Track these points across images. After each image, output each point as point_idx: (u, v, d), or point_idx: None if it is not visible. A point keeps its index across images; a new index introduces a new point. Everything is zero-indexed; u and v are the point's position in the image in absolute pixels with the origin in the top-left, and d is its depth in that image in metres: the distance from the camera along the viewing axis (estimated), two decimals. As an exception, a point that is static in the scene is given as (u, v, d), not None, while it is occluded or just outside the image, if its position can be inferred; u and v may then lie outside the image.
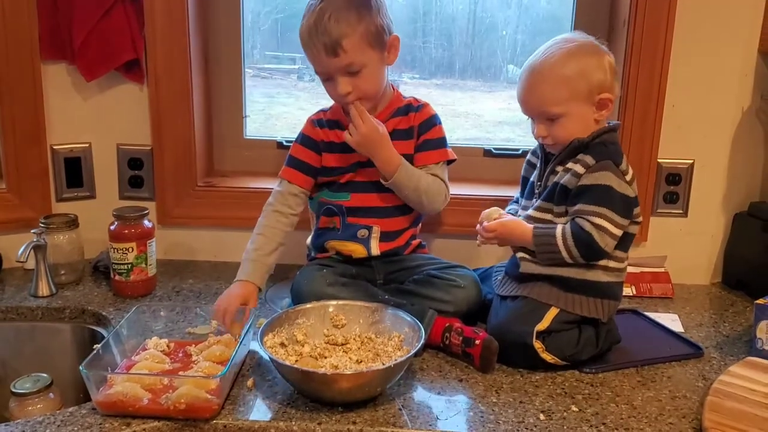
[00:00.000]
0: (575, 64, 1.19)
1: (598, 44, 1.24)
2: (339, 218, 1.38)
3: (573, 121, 1.21)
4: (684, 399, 1.11)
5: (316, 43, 1.25)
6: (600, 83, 1.20)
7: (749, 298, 1.50)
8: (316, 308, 1.23)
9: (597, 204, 1.18)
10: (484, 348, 1.17)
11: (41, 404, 1.17)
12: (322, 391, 1.05)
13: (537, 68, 1.22)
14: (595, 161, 1.19)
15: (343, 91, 1.28)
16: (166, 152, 1.62)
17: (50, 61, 1.55)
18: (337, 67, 1.26)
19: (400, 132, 1.36)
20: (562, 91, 1.20)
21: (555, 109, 1.21)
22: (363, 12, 1.26)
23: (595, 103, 1.21)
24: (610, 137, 1.23)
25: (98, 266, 1.57)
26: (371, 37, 1.27)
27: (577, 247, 1.18)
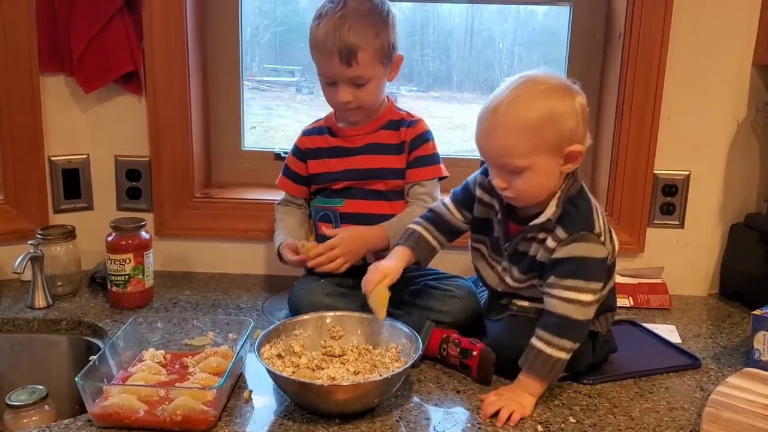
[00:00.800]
0: (544, 108, 1.06)
1: (569, 84, 1.10)
2: (332, 225, 1.39)
3: (537, 175, 1.08)
4: (682, 410, 1.11)
5: (332, 49, 1.26)
6: (571, 133, 1.07)
7: (746, 309, 1.50)
8: (313, 319, 1.23)
9: (570, 276, 1.09)
10: (482, 359, 1.16)
11: (37, 416, 1.17)
12: (319, 402, 1.05)
13: (500, 113, 1.07)
14: (567, 234, 1.09)
15: (344, 99, 1.30)
16: (164, 164, 1.62)
17: (49, 73, 1.56)
18: (345, 76, 1.28)
19: (388, 146, 1.38)
20: (528, 142, 1.06)
21: (518, 161, 1.07)
22: (381, 27, 1.28)
23: (563, 155, 1.08)
24: (574, 189, 1.12)
25: (95, 278, 1.56)
26: (383, 53, 1.29)
27: (567, 338, 1.08)
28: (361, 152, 1.38)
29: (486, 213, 1.22)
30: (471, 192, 1.24)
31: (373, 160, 1.37)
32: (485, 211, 1.23)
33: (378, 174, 1.37)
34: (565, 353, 1.09)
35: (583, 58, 1.68)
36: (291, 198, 1.46)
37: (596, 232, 1.11)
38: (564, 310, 1.09)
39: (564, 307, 1.09)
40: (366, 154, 1.38)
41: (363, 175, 1.37)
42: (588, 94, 1.64)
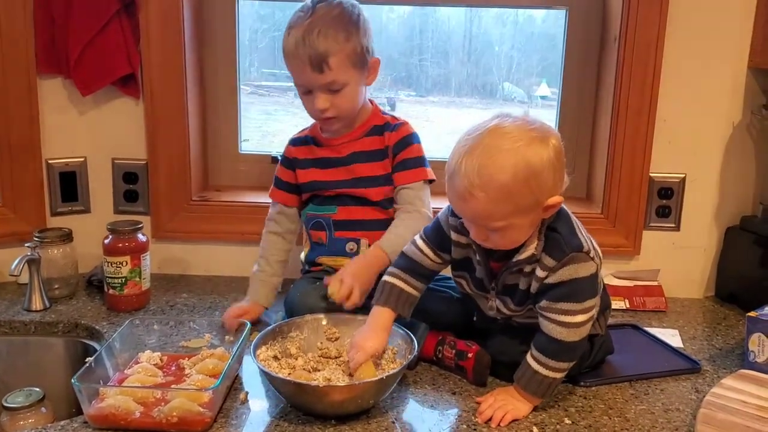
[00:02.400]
0: (520, 171, 1.00)
1: (541, 128, 1.04)
2: (325, 233, 1.39)
3: (516, 230, 1.06)
4: (677, 412, 1.11)
5: (302, 56, 1.25)
6: (549, 187, 1.03)
7: (742, 311, 1.50)
8: (310, 321, 1.23)
9: (562, 300, 1.07)
10: (477, 361, 1.17)
11: (33, 418, 1.17)
12: (315, 403, 1.05)
13: (473, 177, 1.00)
14: (556, 261, 1.07)
15: (320, 107, 1.29)
16: (161, 166, 1.62)
17: (46, 76, 1.56)
18: (319, 83, 1.27)
19: (373, 152, 1.36)
20: (505, 207, 1.02)
21: (496, 224, 1.04)
22: (351, 31, 1.27)
23: (542, 208, 1.05)
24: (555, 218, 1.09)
25: (92, 280, 1.56)
26: (356, 57, 1.28)
27: (562, 360, 1.08)
28: (347, 162, 1.36)
29: (464, 253, 1.18)
30: (445, 233, 1.19)
31: (360, 168, 1.36)
32: (464, 252, 1.18)
33: (366, 182, 1.36)
34: (561, 373, 1.09)
35: (578, 61, 1.69)
36: (283, 209, 1.43)
37: (585, 250, 1.08)
38: (559, 335, 1.08)
39: (559, 331, 1.08)
40: (352, 164, 1.36)
41: (351, 184, 1.36)
42: (584, 98, 1.69)
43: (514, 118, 1.05)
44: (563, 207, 1.12)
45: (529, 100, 1.89)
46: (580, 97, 1.71)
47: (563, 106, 1.72)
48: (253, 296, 1.39)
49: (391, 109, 1.96)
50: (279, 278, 1.43)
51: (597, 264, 1.10)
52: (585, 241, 1.09)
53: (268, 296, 1.41)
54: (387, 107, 1.97)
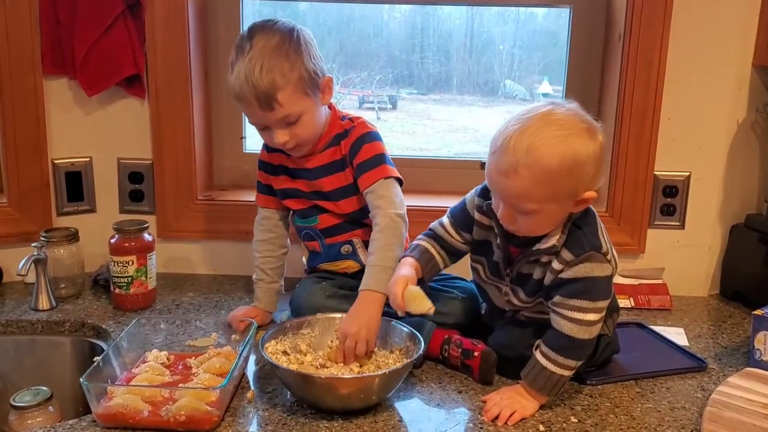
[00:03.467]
0: (566, 159, 1.01)
1: (592, 123, 1.06)
2: (318, 242, 1.39)
3: (545, 217, 1.07)
4: (683, 410, 1.12)
5: (249, 97, 1.19)
6: (588, 180, 1.05)
7: (747, 309, 1.51)
8: (322, 320, 1.24)
9: (576, 297, 1.08)
10: (483, 360, 1.17)
11: (41, 417, 1.17)
12: (322, 396, 1.06)
13: (520, 155, 1.01)
14: (574, 255, 1.08)
15: (280, 141, 1.25)
16: (166, 166, 1.63)
17: (52, 76, 1.56)
18: (273, 119, 1.22)
19: (335, 164, 1.32)
20: (544, 190, 1.02)
21: (529, 206, 1.04)
22: (293, 58, 1.20)
23: (576, 200, 1.06)
24: (580, 215, 1.11)
25: (98, 280, 1.57)
26: (305, 84, 1.22)
27: (572, 357, 1.08)
28: (312, 176, 1.33)
29: (485, 235, 1.20)
30: (469, 214, 1.21)
31: (324, 183, 1.33)
32: (484, 234, 1.20)
33: (333, 196, 1.33)
34: (569, 371, 1.10)
35: (582, 59, 1.69)
36: (267, 213, 1.42)
37: (603, 251, 1.09)
38: (570, 331, 1.08)
39: (570, 327, 1.08)
40: (317, 179, 1.33)
41: (322, 197, 1.34)
42: (588, 96, 1.69)
43: (567, 107, 1.07)
44: (591, 208, 1.13)
45: (530, 98, 1.90)
46: (584, 96, 1.70)
47: (567, 104, 1.72)
48: (257, 303, 1.41)
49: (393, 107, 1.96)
50: (279, 283, 1.43)
51: (613, 268, 1.11)
52: (605, 244, 1.11)
53: (271, 301, 1.42)
54: (389, 105, 1.97)
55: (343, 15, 1.85)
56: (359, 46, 1.88)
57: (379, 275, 1.20)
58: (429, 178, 1.75)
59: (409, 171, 1.71)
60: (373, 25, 1.88)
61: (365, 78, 1.89)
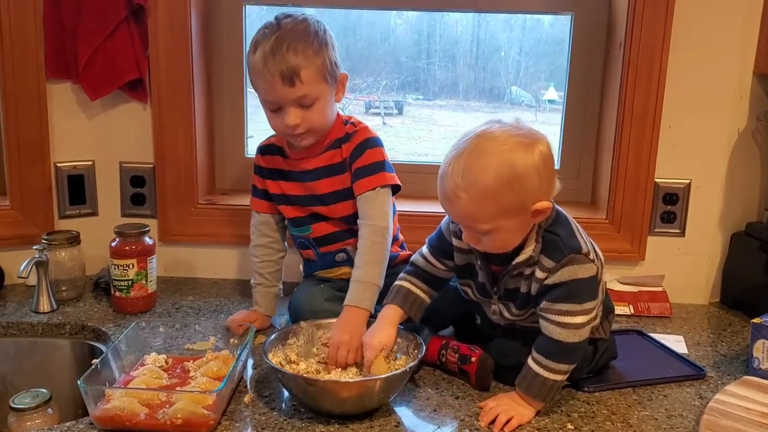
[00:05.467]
0: (503, 173, 1.02)
1: (528, 134, 1.06)
2: (312, 251, 1.39)
3: (505, 233, 1.07)
4: (680, 418, 1.11)
5: (272, 71, 1.20)
6: (534, 191, 1.04)
7: (747, 317, 1.50)
8: (305, 328, 1.23)
9: (562, 301, 1.08)
10: (480, 365, 1.17)
11: (40, 419, 1.17)
12: (323, 399, 1.06)
13: (458, 178, 1.04)
14: (555, 261, 1.08)
15: (292, 122, 1.24)
16: (168, 170, 1.64)
17: (55, 80, 1.57)
18: (291, 97, 1.23)
19: (335, 167, 1.32)
20: (489, 208, 1.04)
21: (483, 226, 1.06)
22: (319, 45, 1.23)
23: (529, 212, 1.06)
24: (551, 220, 1.10)
25: (99, 283, 1.58)
26: (326, 70, 1.24)
27: (563, 362, 1.08)
28: (310, 178, 1.33)
29: (467, 259, 1.20)
30: (446, 240, 1.21)
31: (322, 185, 1.33)
32: (466, 258, 1.20)
33: (328, 199, 1.33)
34: (562, 375, 1.09)
35: (584, 66, 1.69)
36: (263, 218, 1.41)
37: (584, 252, 1.09)
38: (559, 335, 1.08)
39: (559, 332, 1.08)
40: (314, 180, 1.33)
41: (316, 201, 1.34)
42: (589, 103, 1.69)
43: (502, 123, 1.08)
44: (562, 211, 1.13)
45: (536, 104, 1.90)
46: (585, 103, 1.71)
47: (568, 111, 1.72)
48: (256, 307, 1.42)
49: (399, 112, 1.97)
50: (277, 287, 1.44)
51: (597, 267, 1.11)
52: (584, 244, 1.10)
53: (270, 305, 1.43)
54: (395, 110, 1.98)
55: (350, 21, 1.86)
56: (366, 51, 1.89)
57: (363, 293, 1.21)
58: (434, 184, 1.72)
59: (414, 177, 1.73)
60: (380, 31, 1.89)
61: (371, 83, 1.90)
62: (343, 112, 1.38)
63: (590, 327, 1.11)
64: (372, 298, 1.22)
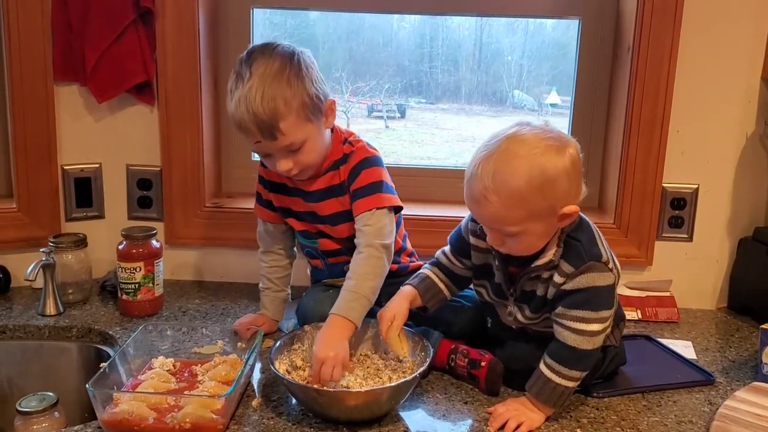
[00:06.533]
0: (534, 178, 1.01)
1: (559, 137, 1.05)
2: (321, 261, 1.39)
3: (531, 236, 1.07)
4: (689, 424, 1.11)
5: (250, 126, 1.16)
6: (563, 195, 1.04)
7: (755, 323, 1.50)
8: (309, 332, 1.23)
9: (579, 307, 1.07)
10: (490, 370, 1.17)
11: (46, 423, 1.17)
12: (331, 407, 1.06)
13: (488, 182, 1.03)
14: (574, 267, 1.07)
15: (284, 169, 1.22)
16: (174, 173, 1.63)
17: (63, 83, 1.58)
18: (276, 148, 1.20)
19: (334, 188, 1.29)
20: (519, 212, 1.03)
21: (511, 228, 1.05)
22: (295, 83, 1.17)
23: (557, 216, 1.06)
24: (574, 225, 1.10)
25: (106, 286, 1.57)
26: (308, 110, 1.18)
27: (576, 368, 1.08)
28: (314, 199, 1.31)
29: (484, 258, 1.20)
30: (465, 240, 1.21)
31: (323, 206, 1.31)
32: (483, 257, 1.20)
33: (330, 220, 1.31)
34: (574, 382, 1.09)
35: (591, 71, 1.69)
36: (269, 227, 1.40)
37: (604, 260, 1.09)
38: (574, 342, 1.08)
39: (574, 338, 1.08)
40: (316, 202, 1.31)
41: (320, 220, 1.32)
42: (596, 108, 1.69)
43: (532, 126, 1.07)
44: (585, 218, 1.13)
45: (539, 108, 1.90)
46: (592, 107, 1.71)
47: (575, 115, 1.72)
48: (264, 311, 1.41)
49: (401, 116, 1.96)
50: (286, 291, 1.43)
51: (615, 276, 1.11)
52: (605, 252, 1.10)
53: (278, 310, 1.42)
54: (397, 114, 1.98)
55: (353, 24, 1.86)
56: (369, 55, 1.89)
57: (352, 303, 1.17)
58: (436, 188, 1.76)
59: (417, 180, 1.73)
60: (383, 34, 1.89)
61: (374, 87, 1.90)
62: (346, 115, 1.37)
63: (604, 335, 1.11)
64: (360, 310, 1.17)
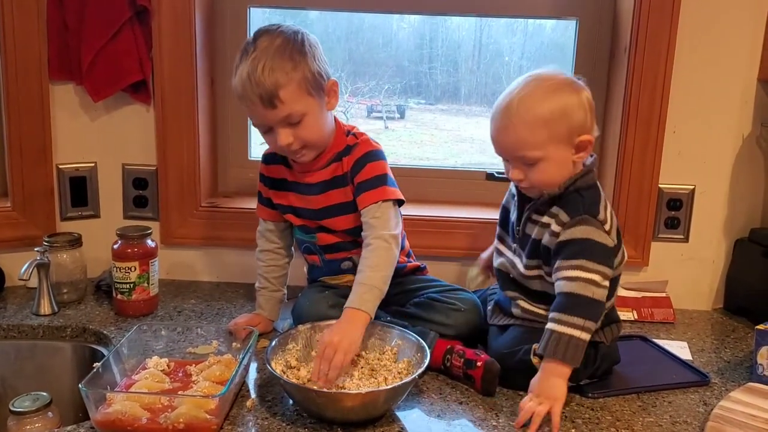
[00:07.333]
0: (555, 103, 1.12)
1: (575, 80, 1.17)
2: (318, 256, 1.38)
3: (551, 164, 1.14)
4: (684, 424, 1.11)
5: (252, 96, 1.19)
6: (580, 124, 1.14)
7: (751, 323, 1.50)
8: (303, 332, 1.23)
9: (574, 257, 1.12)
10: (486, 370, 1.16)
11: (40, 423, 1.16)
12: (326, 409, 1.06)
13: (514, 108, 1.13)
14: (570, 217, 1.14)
15: (284, 143, 1.23)
16: (170, 172, 1.63)
17: (58, 82, 1.57)
18: (276, 118, 1.21)
19: (336, 180, 1.30)
20: (541, 134, 1.12)
21: (533, 152, 1.13)
22: (297, 58, 1.20)
23: (574, 145, 1.14)
24: (585, 182, 1.17)
25: (101, 285, 1.57)
26: (309, 84, 1.21)
27: (576, 315, 1.09)
28: (315, 191, 1.32)
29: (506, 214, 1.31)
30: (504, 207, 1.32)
31: (324, 198, 1.31)
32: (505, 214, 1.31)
33: (331, 212, 1.31)
34: (579, 331, 1.09)
35: (588, 71, 1.68)
36: (269, 225, 1.41)
37: (600, 219, 1.14)
38: (571, 288, 1.11)
39: (570, 285, 1.11)
40: (318, 193, 1.31)
41: (319, 214, 1.33)
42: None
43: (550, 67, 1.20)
44: (597, 185, 1.20)
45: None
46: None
47: (572, 116, 1.72)
48: (259, 310, 1.41)
49: (401, 116, 1.96)
50: (282, 291, 1.43)
51: (613, 242, 1.15)
52: (605, 214, 1.16)
53: (274, 310, 1.42)
54: (396, 114, 1.98)
55: (353, 24, 1.86)
56: (368, 55, 1.89)
57: (364, 295, 1.18)
58: (435, 188, 1.76)
59: (416, 181, 1.73)
60: (382, 34, 1.89)
61: (373, 87, 1.90)
62: (345, 115, 1.37)
63: (604, 291, 1.12)
64: (373, 301, 1.18)
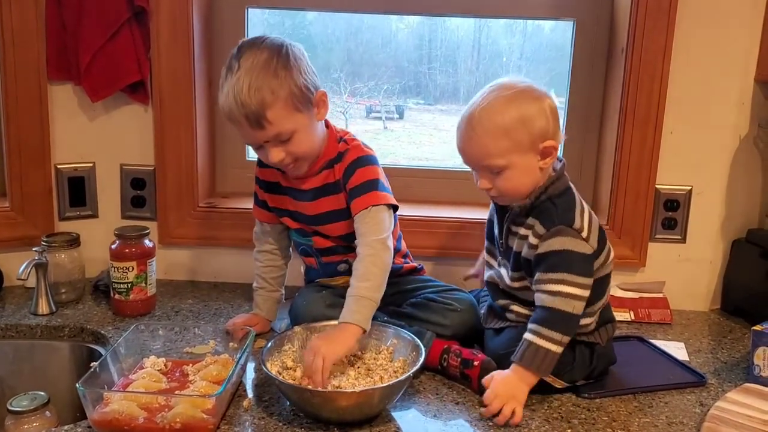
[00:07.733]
0: (514, 112, 1.12)
1: (537, 87, 1.17)
2: (314, 259, 1.39)
3: (516, 172, 1.15)
4: (680, 425, 1.11)
5: (239, 117, 1.17)
6: (542, 131, 1.14)
7: (748, 324, 1.50)
8: (299, 332, 1.23)
9: (553, 270, 1.12)
10: (483, 369, 1.17)
11: (37, 422, 1.16)
12: (321, 408, 1.06)
13: (476, 119, 1.14)
14: (546, 229, 1.14)
15: (275, 160, 1.23)
16: (168, 173, 1.63)
17: (57, 82, 1.57)
18: (265, 137, 1.20)
19: (329, 187, 1.30)
20: (503, 143, 1.13)
21: (497, 161, 1.14)
22: (282, 74, 1.17)
23: (538, 151, 1.14)
24: (557, 189, 1.17)
25: (99, 285, 1.57)
26: (296, 100, 1.19)
27: (556, 330, 1.11)
28: (308, 197, 1.32)
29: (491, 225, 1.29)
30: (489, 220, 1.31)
31: (317, 205, 1.31)
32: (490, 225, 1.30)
33: (324, 219, 1.32)
34: (556, 345, 1.11)
35: (585, 72, 1.69)
36: (266, 227, 1.41)
37: (576, 228, 1.14)
38: (552, 303, 1.12)
39: (552, 300, 1.12)
40: (312, 200, 1.32)
41: (313, 220, 1.33)
42: (590, 109, 1.69)
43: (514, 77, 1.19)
44: (572, 188, 1.20)
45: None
46: (586, 108, 1.71)
47: (569, 116, 1.72)
48: (257, 310, 1.41)
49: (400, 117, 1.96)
50: (279, 292, 1.44)
51: (591, 248, 1.15)
52: (579, 222, 1.15)
53: (271, 310, 1.43)
54: (395, 115, 1.98)
55: (352, 25, 1.86)
56: (367, 56, 1.89)
57: (353, 306, 1.17)
58: (434, 189, 1.76)
59: (415, 181, 1.73)
60: (381, 35, 1.89)
61: (372, 87, 1.90)
62: (344, 115, 1.37)
63: (583, 303, 1.13)
64: (363, 312, 1.16)
